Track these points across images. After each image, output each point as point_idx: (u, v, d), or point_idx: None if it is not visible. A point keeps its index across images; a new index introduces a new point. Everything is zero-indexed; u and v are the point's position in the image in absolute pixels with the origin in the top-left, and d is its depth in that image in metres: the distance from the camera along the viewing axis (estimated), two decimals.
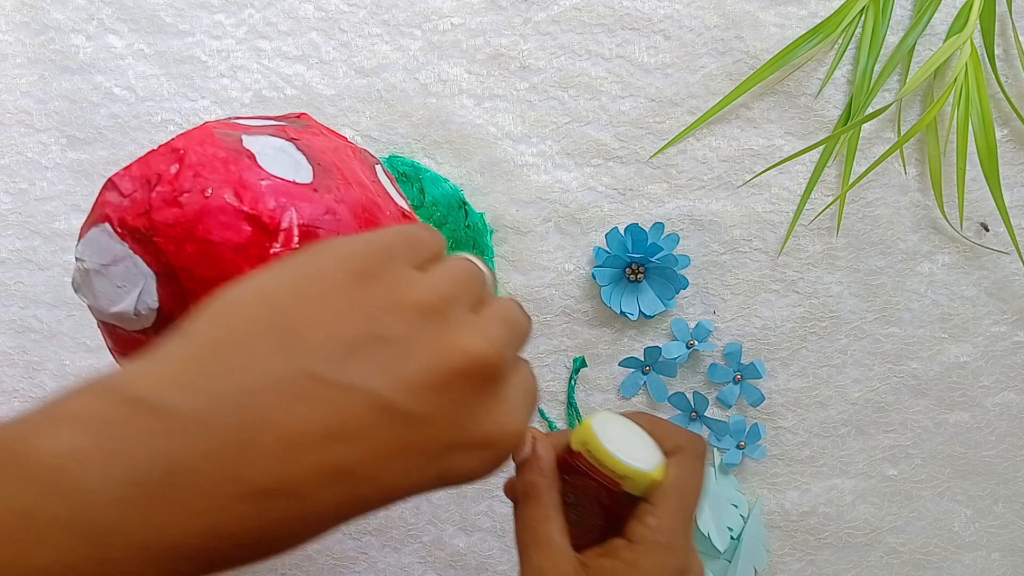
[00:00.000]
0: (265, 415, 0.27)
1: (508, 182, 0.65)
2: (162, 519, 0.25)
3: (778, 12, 0.64)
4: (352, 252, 0.30)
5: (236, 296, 0.29)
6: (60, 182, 0.65)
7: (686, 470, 0.44)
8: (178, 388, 0.27)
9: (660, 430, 0.46)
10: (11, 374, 0.66)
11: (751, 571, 0.66)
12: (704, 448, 0.46)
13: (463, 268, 0.33)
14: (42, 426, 0.26)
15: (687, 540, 0.43)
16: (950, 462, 0.67)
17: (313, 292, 0.29)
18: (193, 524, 0.26)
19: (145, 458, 0.25)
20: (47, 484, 0.25)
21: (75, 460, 0.25)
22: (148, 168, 0.39)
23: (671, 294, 0.65)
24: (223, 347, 0.28)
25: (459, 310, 0.31)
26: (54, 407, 0.26)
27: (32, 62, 0.65)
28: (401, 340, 0.29)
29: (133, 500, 0.25)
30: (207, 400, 0.26)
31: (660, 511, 0.43)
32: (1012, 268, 0.66)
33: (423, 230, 0.34)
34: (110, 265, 0.39)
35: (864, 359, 0.67)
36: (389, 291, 0.30)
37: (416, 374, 0.29)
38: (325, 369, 0.28)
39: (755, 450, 0.66)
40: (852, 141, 0.65)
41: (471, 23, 0.65)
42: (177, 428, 0.26)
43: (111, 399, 0.26)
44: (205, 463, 0.26)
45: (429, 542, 0.68)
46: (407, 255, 0.32)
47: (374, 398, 0.28)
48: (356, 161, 0.45)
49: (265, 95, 0.65)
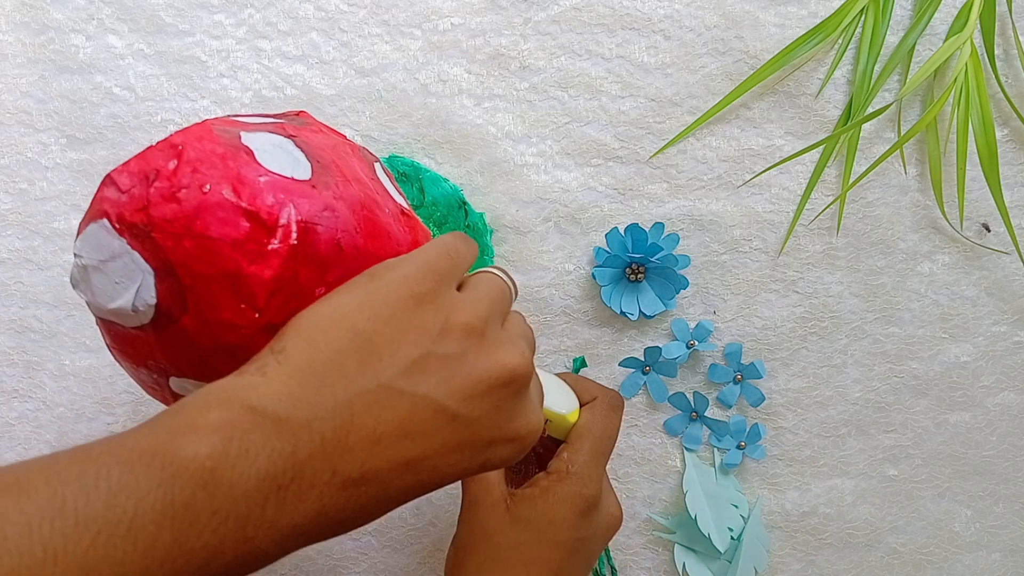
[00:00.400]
0: (354, 420, 0.34)
1: (508, 182, 0.65)
2: (284, 505, 0.33)
3: (778, 12, 0.64)
4: (407, 277, 0.37)
5: (321, 320, 0.36)
6: (60, 182, 0.65)
7: (599, 416, 0.54)
8: (288, 400, 0.33)
9: (581, 385, 0.56)
10: (11, 374, 0.66)
11: (751, 571, 0.66)
12: (620, 401, 0.57)
13: (494, 288, 0.41)
14: (184, 434, 0.32)
15: (599, 475, 0.52)
16: (950, 462, 0.67)
17: (383, 315, 0.36)
18: (306, 508, 0.33)
19: (269, 458, 0.32)
20: (200, 482, 0.31)
21: (220, 461, 0.31)
22: (146, 164, 0.39)
23: (671, 294, 0.65)
24: (318, 366, 0.35)
25: (494, 327, 0.39)
26: (186, 417, 0.32)
27: (32, 62, 0.65)
28: (453, 356, 0.37)
29: (264, 491, 0.32)
30: (310, 409, 0.34)
31: (573, 447, 0.52)
32: (1012, 268, 0.66)
33: (461, 243, 0.41)
34: (108, 261, 0.39)
35: (864, 359, 0.66)
36: (440, 312, 0.37)
37: (467, 385, 0.37)
38: (397, 382, 0.35)
39: (755, 450, 0.66)
40: (852, 141, 0.65)
41: (471, 23, 0.65)
42: (289, 433, 0.33)
43: (235, 409, 0.33)
44: (312, 460, 0.33)
45: (429, 543, 0.68)
46: (451, 275, 0.39)
47: (435, 405, 0.36)
48: (355, 158, 0.45)
49: (265, 95, 0.65)
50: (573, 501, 0.51)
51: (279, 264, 0.38)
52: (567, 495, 0.51)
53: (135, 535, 0.30)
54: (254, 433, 0.32)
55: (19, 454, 0.66)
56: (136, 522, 0.30)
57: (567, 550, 0.51)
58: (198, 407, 0.33)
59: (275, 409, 0.33)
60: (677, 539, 0.67)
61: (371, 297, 0.37)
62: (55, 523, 0.29)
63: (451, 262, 0.39)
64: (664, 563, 0.68)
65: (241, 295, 0.38)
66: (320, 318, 0.36)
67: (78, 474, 0.30)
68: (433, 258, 0.39)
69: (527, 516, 0.50)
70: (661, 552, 0.68)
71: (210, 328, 0.39)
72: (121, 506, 0.30)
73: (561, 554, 0.50)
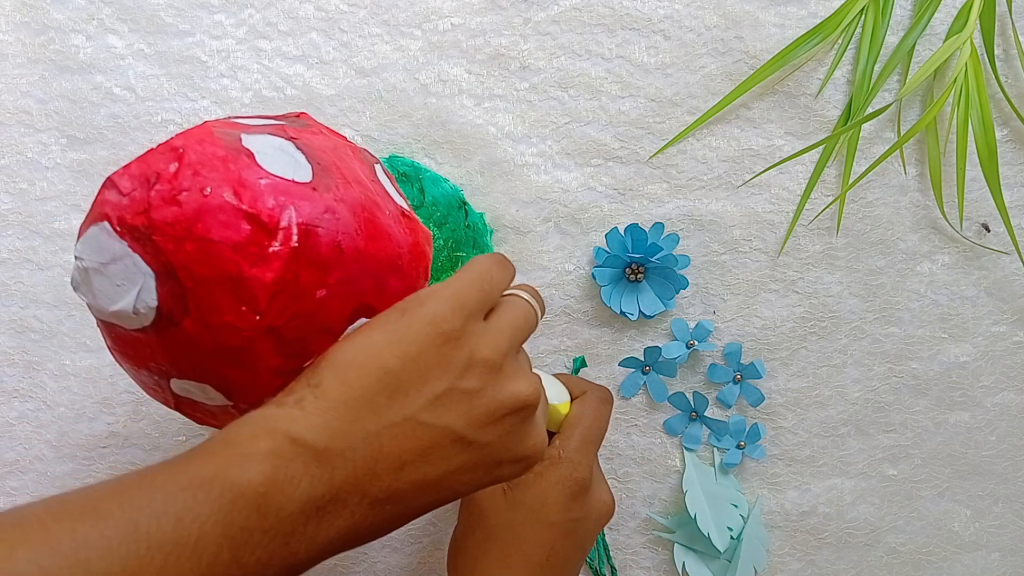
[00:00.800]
0: (383, 450, 0.39)
1: (508, 182, 0.65)
2: (322, 523, 0.37)
3: (778, 12, 0.64)
4: (436, 316, 0.40)
5: (355, 356, 0.39)
6: (60, 182, 0.65)
7: (589, 408, 0.57)
8: (325, 432, 0.38)
9: (572, 382, 0.59)
10: (11, 374, 0.66)
11: (751, 571, 0.66)
12: (609, 395, 0.60)
13: (519, 317, 0.44)
14: (239, 463, 0.36)
15: (590, 461, 0.55)
16: (950, 462, 0.67)
17: (411, 353, 0.39)
18: (340, 525, 0.38)
19: (310, 484, 0.37)
20: (254, 506, 0.35)
21: (271, 487, 0.36)
22: (147, 167, 0.39)
23: (671, 294, 0.65)
24: (351, 401, 0.38)
25: (511, 358, 0.43)
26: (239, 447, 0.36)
27: (32, 62, 0.65)
28: (473, 391, 0.41)
29: (307, 512, 0.37)
30: (344, 440, 0.38)
31: (565, 435, 0.55)
32: (1012, 268, 0.66)
33: (497, 269, 0.45)
34: (109, 264, 0.39)
35: (864, 359, 0.67)
36: (465, 348, 0.41)
37: (484, 415, 0.41)
38: (422, 415, 0.39)
39: (755, 450, 0.66)
40: (852, 141, 0.65)
41: (471, 23, 0.65)
42: (327, 462, 0.37)
43: (280, 440, 0.37)
44: (346, 485, 0.38)
45: (429, 543, 0.68)
46: (481, 308, 0.42)
47: (455, 435, 0.40)
48: (355, 160, 0.45)
49: (265, 95, 0.65)
50: (564, 484, 0.54)
51: (280, 267, 0.38)
52: (559, 478, 0.54)
53: (199, 554, 0.34)
54: (296, 462, 0.37)
55: (19, 454, 0.67)
56: (200, 543, 0.34)
57: (560, 531, 0.54)
58: (247, 437, 0.37)
59: (314, 440, 0.37)
60: (677, 539, 0.67)
61: (400, 335, 0.40)
62: (131, 546, 0.33)
63: (482, 294, 0.43)
64: (664, 563, 0.68)
65: (242, 298, 0.38)
66: (354, 354, 0.40)
67: (148, 500, 0.34)
68: (464, 291, 0.42)
69: (521, 499, 0.53)
70: (661, 552, 0.68)
71: (211, 330, 0.39)
72: (187, 529, 0.34)
73: (554, 534, 0.53)
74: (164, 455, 0.65)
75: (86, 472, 0.67)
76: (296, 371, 0.41)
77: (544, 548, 0.53)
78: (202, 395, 0.42)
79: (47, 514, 0.33)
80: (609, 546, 0.67)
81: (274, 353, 0.40)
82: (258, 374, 0.40)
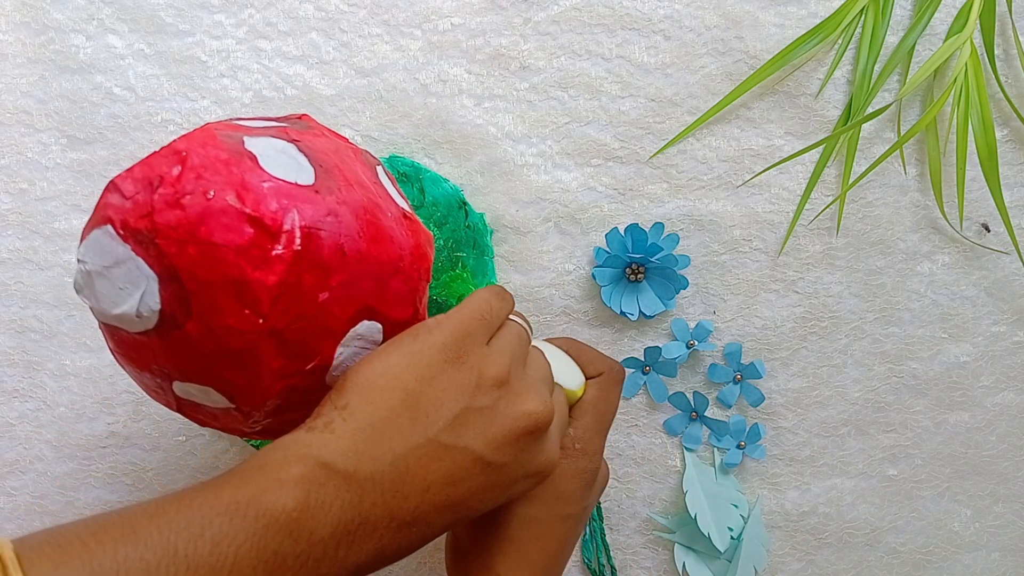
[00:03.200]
0: (409, 472, 0.40)
1: (508, 182, 0.65)
2: (352, 547, 0.38)
3: (778, 12, 0.64)
4: (444, 344, 0.42)
5: (377, 378, 0.41)
6: (60, 182, 0.65)
7: (603, 391, 0.56)
8: (354, 456, 0.39)
9: (586, 357, 0.57)
10: (11, 374, 0.66)
11: (751, 571, 0.66)
12: (622, 374, 0.58)
13: (514, 336, 0.46)
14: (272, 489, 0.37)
15: (600, 448, 0.55)
16: (950, 462, 0.67)
17: (427, 375, 0.41)
18: (368, 548, 0.39)
19: (341, 508, 0.38)
20: (287, 531, 0.36)
21: (303, 512, 0.37)
22: (150, 170, 0.39)
23: (671, 294, 0.65)
24: (377, 423, 0.40)
25: (517, 373, 0.45)
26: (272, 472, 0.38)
27: (32, 62, 0.65)
28: (487, 408, 0.42)
29: (337, 536, 0.38)
30: (373, 464, 0.39)
31: (578, 423, 0.54)
32: (1012, 268, 0.66)
33: (496, 300, 0.47)
34: (112, 267, 0.39)
35: (864, 359, 0.67)
36: (473, 370, 0.42)
37: (499, 434, 0.42)
38: (443, 436, 0.41)
39: (755, 450, 0.66)
40: (852, 141, 0.65)
41: (471, 23, 0.65)
42: (356, 486, 0.38)
43: (311, 465, 0.38)
44: (375, 508, 0.39)
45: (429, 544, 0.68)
46: (484, 335, 0.44)
47: (474, 455, 0.41)
48: (357, 162, 0.45)
49: (265, 95, 0.65)
50: (580, 476, 0.53)
51: (283, 270, 0.38)
52: (575, 471, 0.53)
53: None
54: (327, 487, 0.38)
55: (19, 454, 0.67)
56: (236, 566, 0.35)
57: (574, 521, 0.54)
58: (279, 462, 0.38)
59: (344, 465, 0.38)
60: (677, 539, 0.67)
61: (415, 358, 0.42)
62: (170, 569, 0.34)
63: (484, 323, 0.45)
64: (664, 563, 0.68)
65: (245, 301, 0.38)
66: (376, 376, 0.41)
67: (185, 524, 0.35)
68: (468, 322, 0.44)
69: (538, 495, 0.52)
70: (661, 552, 0.68)
71: (214, 334, 0.39)
72: (223, 552, 0.35)
73: (568, 525, 0.53)
74: (164, 455, 0.65)
75: (86, 472, 0.67)
76: (298, 373, 0.41)
77: (559, 540, 0.53)
78: (204, 397, 0.42)
79: (88, 534, 0.34)
80: (609, 546, 0.67)
81: (277, 355, 0.40)
82: (261, 376, 0.40)
